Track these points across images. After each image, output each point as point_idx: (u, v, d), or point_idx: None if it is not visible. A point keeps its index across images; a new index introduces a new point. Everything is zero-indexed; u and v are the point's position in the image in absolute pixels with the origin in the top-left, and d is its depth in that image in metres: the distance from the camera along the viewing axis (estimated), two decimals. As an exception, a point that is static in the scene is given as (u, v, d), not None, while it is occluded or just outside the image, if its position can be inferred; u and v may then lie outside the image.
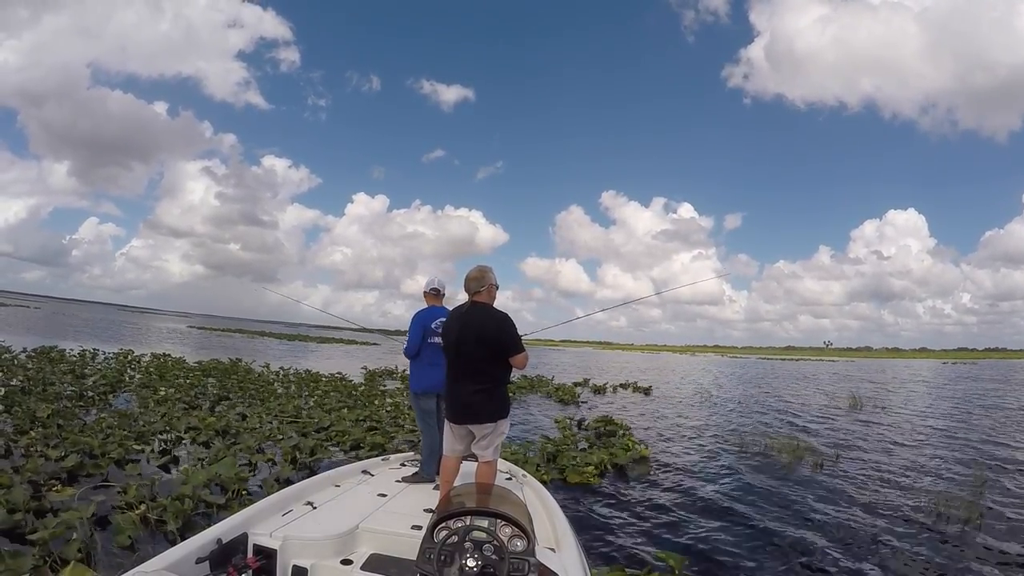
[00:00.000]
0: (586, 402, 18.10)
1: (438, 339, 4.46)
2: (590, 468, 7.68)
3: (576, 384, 23.07)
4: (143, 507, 4.77)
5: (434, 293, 4.83)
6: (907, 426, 14.63)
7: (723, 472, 8.77)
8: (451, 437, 3.89)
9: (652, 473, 8.43)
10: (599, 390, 22.39)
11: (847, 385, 30.20)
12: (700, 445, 11.10)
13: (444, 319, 4.26)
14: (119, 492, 5.24)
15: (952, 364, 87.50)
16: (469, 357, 3.72)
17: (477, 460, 3.93)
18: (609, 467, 8.20)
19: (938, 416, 17.19)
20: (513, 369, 3.87)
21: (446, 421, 3.92)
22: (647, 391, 22.93)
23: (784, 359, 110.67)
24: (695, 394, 23.36)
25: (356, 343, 69.68)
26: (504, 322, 3.76)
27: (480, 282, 3.83)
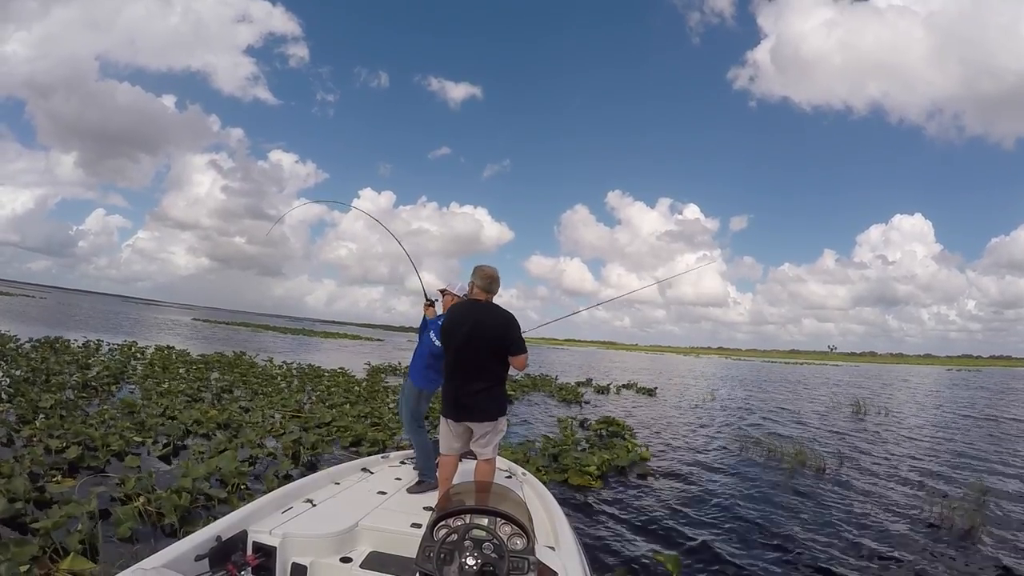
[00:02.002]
0: (589, 402, 18.07)
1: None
2: (591, 469, 7.64)
3: (579, 384, 23.05)
4: (142, 499, 4.77)
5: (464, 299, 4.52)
6: (909, 432, 14.55)
7: (724, 475, 8.73)
8: (449, 435, 3.86)
9: (653, 475, 8.39)
10: (602, 390, 22.34)
11: (850, 391, 30.09)
12: (702, 447, 11.06)
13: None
14: (117, 484, 5.24)
15: (956, 371, 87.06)
16: (476, 354, 3.72)
17: (475, 458, 3.92)
18: (610, 468, 8.17)
19: (940, 423, 17.10)
20: (511, 369, 3.89)
21: (444, 419, 3.88)
22: (651, 392, 22.87)
23: (788, 363, 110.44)
24: (698, 396, 23.27)
25: (360, 339, 69.83)
26: (512, 321, 3.81)
27: (498, 283, 3.90)
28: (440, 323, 4.48)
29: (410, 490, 4.11)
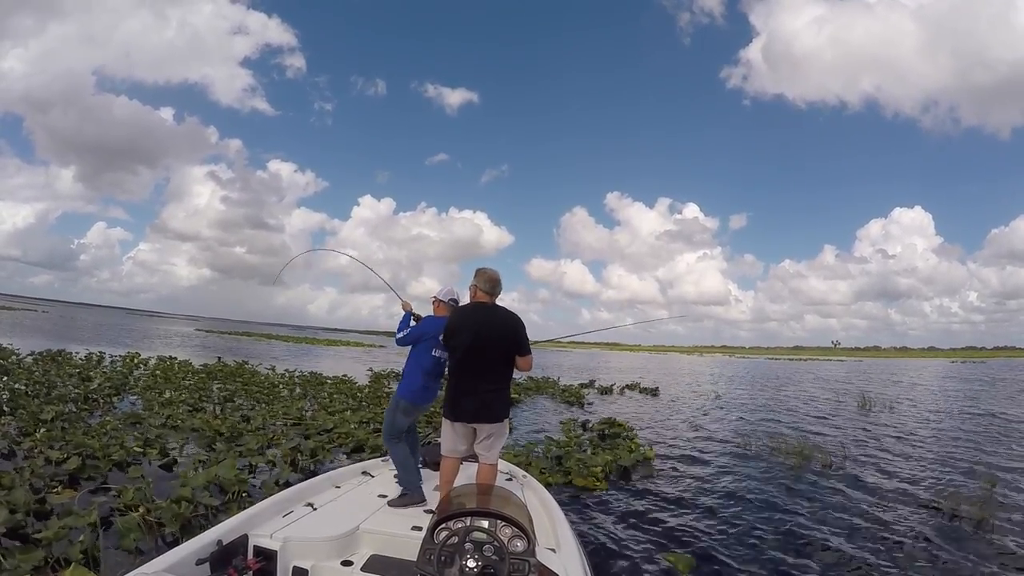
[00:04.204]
0: (592, 403, 18.03)
1: (440, 352, 4.32)
2: (596, 470, 7.59)
3: (583, 385, 23.00)
4: (141, 510, 4.75)
5: (452, 304, 4.48)
6: (915, 427, 14.49)
7: (730, 474, 8.68)
8: (453, 437, 3.84)
9: (658, 475, 8.35)
10: (606, 391, 22.30)
11: (853, 386, 30.02)
12: (707, 446, 11.01)
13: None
14: (115, 495, 5.21)
15: (961, 363, 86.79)
16: (485, 356, 3.73)
17: (477, 461, 3.90)
18: (614, 469, 8.13)
19: (947, 416, 17.01)
20: (514, 371, 3.90)
21: (448, 422, 3.85)
22: (654, 392, 22.82)
23: (792, 359, 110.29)
24: (702, 395, 23.23)
25: (363, 345, 69.88)
26: (519, 323, 3.86)
27: (501, 285, 3.92)
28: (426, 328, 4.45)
29: (392, 503, 3.83)
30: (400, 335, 4.50)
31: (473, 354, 3.72)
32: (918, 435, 12.96)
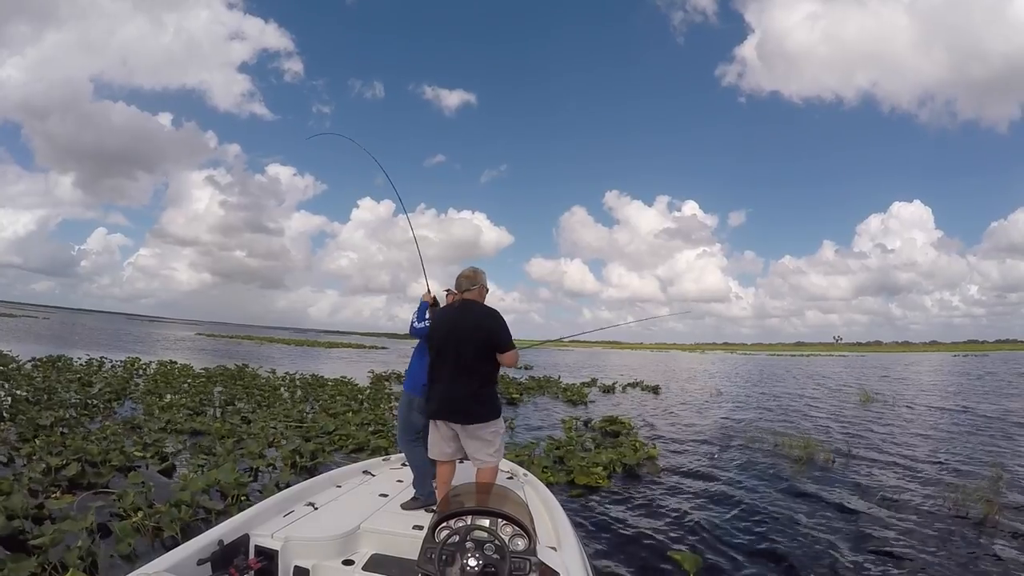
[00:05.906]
0: (594, 402, 18.03)
1: None
2: (598, 469, 7.56)
3: (584, 384, 22.98)
4: (140, 514, 4.71)
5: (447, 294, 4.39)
6: (919, 421, 14.48)
7: (734, 471, 8.65)
8: (438, 439, 3.74)
9: (662, 473, 8.31)
10: (608, 390, 22.30)
11: (855, 381, 30.03)
12: (710, 443, 10.98)
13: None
14: (115, 499, 5.18)
15: (963, 357, 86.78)
16: (462, 354, 3.61)
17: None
18: (618, 468, 8.09)
19: (950, 411, 17.00)
20: (501, 368, 3.77)
21: (431, 423, 3.75)
22: (655, 390, 22.82)
23: (794, 355, 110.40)
24: (704, 392, 23.23)
25: (364, 347, 69.97)
26: (496, 317, 3.71)
27: (472, 281, 3.81)
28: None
29: (404, 505, 3.80)
30: (419, 325, 4.28)
31: (448, 354, 3.62)
32: (919, 429, 12.96)
